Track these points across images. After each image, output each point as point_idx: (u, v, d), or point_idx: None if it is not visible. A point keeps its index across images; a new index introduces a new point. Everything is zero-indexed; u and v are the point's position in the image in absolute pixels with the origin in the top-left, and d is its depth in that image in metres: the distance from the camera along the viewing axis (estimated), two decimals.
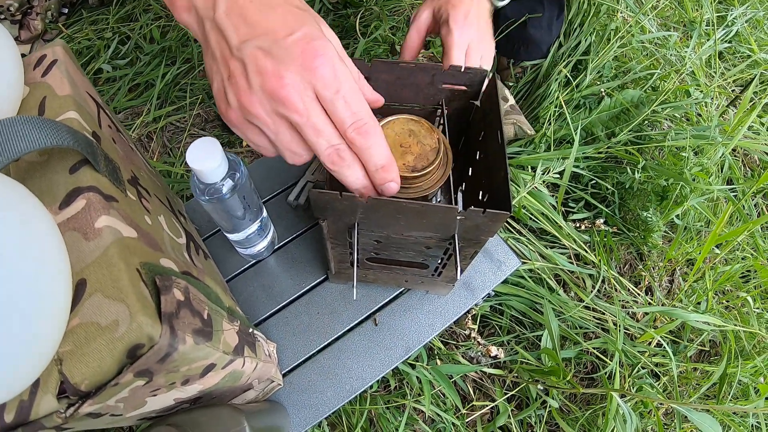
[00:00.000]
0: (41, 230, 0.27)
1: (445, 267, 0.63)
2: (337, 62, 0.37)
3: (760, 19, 1.30)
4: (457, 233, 0.51)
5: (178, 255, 0.45)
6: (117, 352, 0.29)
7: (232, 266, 0.77)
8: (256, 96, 0.37)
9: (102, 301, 0.30)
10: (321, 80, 0.37)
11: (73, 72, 0.46)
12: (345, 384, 0.70)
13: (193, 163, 0.50)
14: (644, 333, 0.83)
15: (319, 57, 0.37)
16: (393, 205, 0.45)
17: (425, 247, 0.56)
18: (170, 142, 1.07)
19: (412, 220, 0.49)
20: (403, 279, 0.70)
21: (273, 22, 0.37)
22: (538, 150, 0.97)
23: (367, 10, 1.20)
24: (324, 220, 0.53)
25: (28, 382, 0.28)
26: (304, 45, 0.37)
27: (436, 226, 0.50)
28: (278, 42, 0.37)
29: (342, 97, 0.38)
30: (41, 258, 0.26)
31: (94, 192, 0.34)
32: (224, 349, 0.43)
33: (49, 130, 0.32)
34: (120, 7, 1.26)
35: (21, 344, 0.25)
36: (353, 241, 0.54)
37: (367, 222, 0.51)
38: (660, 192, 0.91)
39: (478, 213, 0.45)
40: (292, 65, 0.36)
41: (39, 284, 0.26)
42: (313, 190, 0.45)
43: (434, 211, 0.46)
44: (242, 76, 0.37)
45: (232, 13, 0.38)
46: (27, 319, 0.25)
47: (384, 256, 0.62)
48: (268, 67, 0.36)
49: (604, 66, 1.06)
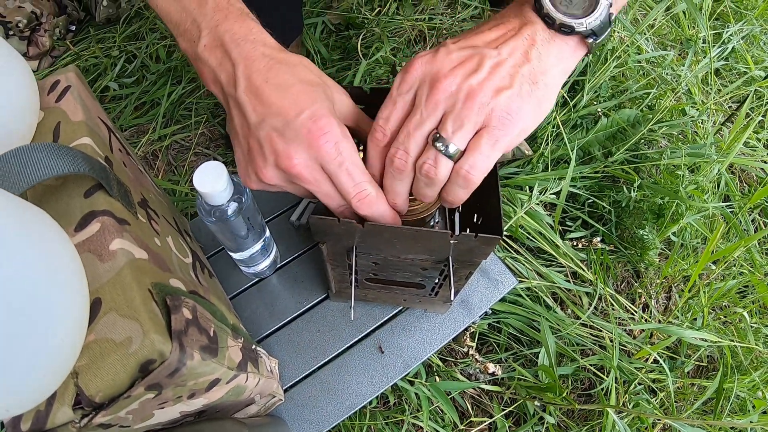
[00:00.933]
0: (61, 252, 0.29)
1: (441, 287, 0.64)
2: (339, 138, 0.42)
3: (757, 34, 1.32)
4: (452, 256, 0.53)
5: (186, 274, 0.47)
6: (130, 367, 0.31)
7: (236, 284, 0.79)
8: (273, 172, 0.43)
9: (116, 319, 0.32)
10: (325, 156, 0.42)
11: (85, 97, 0.48)
12: (345, 400, 0.71)
13: (200, 186, 0.52)
14: (640, 350, 0.84)
15: (323, 135, 0.41)
16: (388, 231, 0.47)
17: (421, 269, 0.58)
18: (175, 160, 1.09)
19: (407, 244, 0.51)
20: (401, 298, 0.72)
21: (285, 102, 0.42)
22: (535, 170, 0.99)
23: (368, 32, 1.23)
24: (323, 244, 0.55)
25: (47, 394, 0.29)
26: (310, 125, 0.41)
27: (431, 249, 0.51)
28: (289, 123, 0.41)
29: (345, 169, 0.43)
30: (62, 278, 0.28)
31: (108, 216, 0.36)
32: (229, 364, 0.44)
33: (66, 157, 0.34)
34: (127, 26, 1.29)
35: (42, 359, 0.27)
36: (352, 263, 0.56)
37: (364, 245, 0.53)
38: (656, 210, 0.93)
39: (470, 237, 0.47)
40: (300, 145, 0.42)
41: (60, 303, 0.28)
42: (313, 216, 0.47)
43: (428, 236, 0.48)
44: (260, 155, 0.43)
45: (249, 92, 0.43)
46: (48, 335, 0.27)
47: (382, 276, 0.63)
48: (280, 148, 0.42)
49: (601, 86, 1.08)
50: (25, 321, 0.26)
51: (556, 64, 0.42)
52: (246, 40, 0.44)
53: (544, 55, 0.42)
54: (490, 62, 0.41)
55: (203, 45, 0.45)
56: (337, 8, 1.28)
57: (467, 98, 0.41)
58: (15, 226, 0.26)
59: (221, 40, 0.44)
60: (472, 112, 0.41)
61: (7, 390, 0.27)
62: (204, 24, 0.45)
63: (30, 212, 0.28)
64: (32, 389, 0.28)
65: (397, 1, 1.29)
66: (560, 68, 0.43)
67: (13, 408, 0.28)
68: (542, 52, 0.42)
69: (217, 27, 0.45)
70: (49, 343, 0.27)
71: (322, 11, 1.27)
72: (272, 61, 0.44)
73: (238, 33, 0.44)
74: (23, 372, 0.27)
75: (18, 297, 0.25)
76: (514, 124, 0.41)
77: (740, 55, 1.26)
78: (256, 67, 0.43)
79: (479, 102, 0.40)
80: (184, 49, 0.48)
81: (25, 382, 0.27)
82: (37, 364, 0.27)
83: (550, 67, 0.42)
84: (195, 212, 0.99)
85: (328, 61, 1.20)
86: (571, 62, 0.44)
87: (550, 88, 0.42)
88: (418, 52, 1.21)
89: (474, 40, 0.44)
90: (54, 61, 1.24)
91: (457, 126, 0.41)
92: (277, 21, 0.98)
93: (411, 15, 1.27)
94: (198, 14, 0.46)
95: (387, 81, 1.16)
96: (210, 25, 0.45)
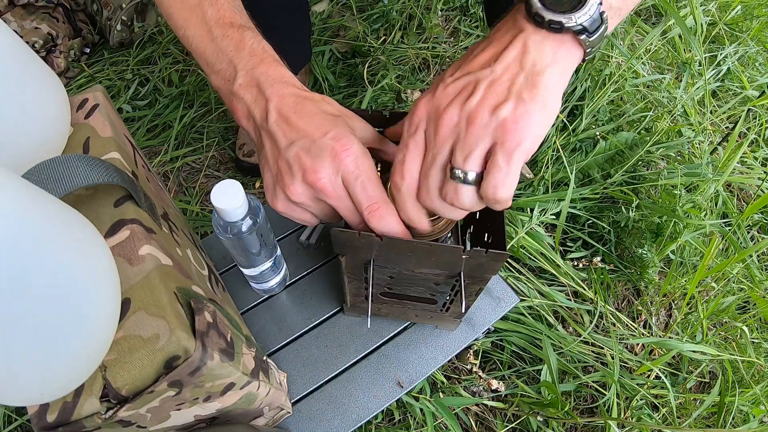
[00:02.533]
0: (98, 252, 0.32)
1: (452, 302, 0.67)
2: (359, 155, 0.47)
3: (752, 55, 1.36)
4: (463, 271, 0.55)
5: (203, 284, 0.50)
6: (156, 362, 0.33)
7: (246, 300, 0.81)
8: (300, 188, 0.48)
9: (144, 318, 0.34)
10: (345, 168, 0.47)
11: (112, 115, 0.51)
12: (351, 413, 0.73)
13: (217, 202, 0.55)
14: (641, 365, 0.86)
15: (344, 151, 0.46)
16: (405, 244, 0.50)
17: (434, 284, 0.61)
18: (186, 181, 1.12)
19: (422, 258, 0.53)
20: (413, 313, 0.74)
21: (311, 127, 0.48)
22: (536, 192, 1.02)
23: (374, 60, 1.28)
24: (343, 256, 0.57)
25: (78, 383, 0.32)
26: (334, 143, 0.47)
27: (444, 263, 0.54)
28: (315, 141, 0.47)
29: (360, 183, 0.47)
30: (98, 275, 0.31)
31: (137, 224, 0.39)
32: (243, 370, 0.46)
33: (100, 168, 0.37)
34: (140, 50, 1.34)
35: (77, 349, 0.30)
36: (368, 276, 0.59)
37: (381, 258, 0.56)
38: (654, 229, 0.95)
39: (480, 252, 0.50)
40: (325, 159, 0.46)
41: (96, 297, 0.30)
42: (334, 229, 0.51)
43: (442, 250, 0.51)
44: (288, 174, 0.48)
45: (280, 121, 0.48)
46: (84, 327, 0.30)
47: (396, 290, 0.66)
48: (307, 163, 0.46)
49: (599, 110, 1.12)
50: (64, 312, 0.28)
51: (552, 63, 0.42)
52: (278, 82, 0.50)
53: (538, 57, 0.42)
54: (485, 83, 0.43)
55: (239, 84, 0.50)
56: (344, 37, 1.33)
57: (468, 124, 0.42)
58: (59, 225, 0.28)
59: (257, 80, 0.50)
60: (477, 136, 0.42)
61: (45, 375, 0.29)
62: (240, 66, 0.51)
63: (70, 214, 0.31)
64: (66, 377, 0.30)
65: (402, 30, 1.34)
66: (558, 68, 0.43)
67: (47, 393, 0.30)
68: (536, 56, 0.42)
69: (253, 69, 0.50)
70: (84, 334, 0.30)
71: (329, 40, 1.32)
72: (299, 98, 0.49)
73: (272, 75, 0.50)
74: (60, 359, 0.29)
75: (59, 289, 0.28)
76: (524, 131, 0.41)
77: (735, 76, 1.30)
78: (286, 102, 0.49)
79: (480, 124, 0.41)
80: (217, 86, 0.53)
81: (61, 369, 0.30)
82: (72, 354, 0.30)
83: (545, 67, 0.42)
84: (206, 232, 1.02)
85: (335, 88, 1.24)
86: (568, 62, 0.44)
87: (551, 86, 0.42)
88: (422, 79, 1.25)
89: (469, 66, 0.45)
90: (68, 83, 1.28)
91: (466, 153, 0.42)
92: (289, 49, 1.02)
93: (415, 43, 1.32)
94: (235, 57, 0.51)
95: (392, 108, 1.20)
96: (246, 67, 0.50)
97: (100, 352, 0.32)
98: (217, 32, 0.52)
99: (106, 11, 1.29)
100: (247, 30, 0.53)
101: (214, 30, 0.52)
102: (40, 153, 0.41)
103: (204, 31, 0.53)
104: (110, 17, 1.29)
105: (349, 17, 1.37)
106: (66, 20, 1.29)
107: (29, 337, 0.27)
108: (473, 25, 1.39)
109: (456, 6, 1.43)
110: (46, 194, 0.29)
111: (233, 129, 1.19)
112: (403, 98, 1.20)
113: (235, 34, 0.52)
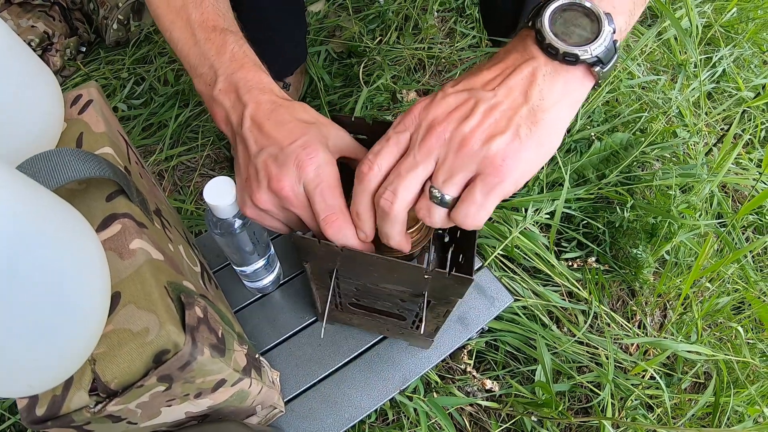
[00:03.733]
0: (89, 245, 0.31)
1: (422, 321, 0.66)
2: (322, 163, 0.46)
3: (747, 57, 1.37)
4: (427, 291, 0.54)
5: (195, 280, 0.50)
6: (146, 356, 0.33)
7: (239, 299, 0.81)
8: (266, 195, 0.47)
9: (134, 311, 0.34)
10: (306, 176, 0.46)
11: (106, 112, 0.51)
12: (344, 412, 0.73)
13: (210, 199, 0.55)
14: (636, 366, 0.86)
15: (309, 159, 0.46)
16: (366, 258, 0.49)
17: (400, 300, 0.60)
18: (181, 180, 1.12)
19: (384, 274, 0.52)
20: (384, 327, 0.74)
21: (282, 134, 0.47)
22: (531, 192, 1.02)
23: (370, 60, 1.28)
24: (307, 263, 0.57)
25: (67, 375, 0.32)
26: (299, 151, 0.46)
27: (406, 282, 0.53)
28: (283, 149, 0.47)
29: (319, 191, 0.46)
30: (88, 267, 0.31)
31: (128, 218, 0.39)
32: (234, 367, 0.46)
33: (92, 162, 0.37)
34: (136, 49, 1.34)
35: (66, 341, 0.29)
36: (332, 285, 0.58)
37: (344, 270, 0.55)
38: (649, 229, 0.96)
39: (443, 275, 0.48)
40: (290, 168, 0.46)
41: (85, 288, 0.30)
42: (296, 234, 0.50)
43: (402, 268, 0.50)
44: (255, 180, 0.48)
45: (253, 128, 0.48)
46: (73, 319, 0.29)
47: (364, 302, 0.65)
48: (273, 171, 0.46)
49: (594, 111, 1.12)
50: (54, 303, 0.28)
51: (562, 98, 0.41)
52: (257, 88, 0.50)
53: (546, 91, 0.40)
54: (484, 106, 0.41)
55: (219, 89, 0.50)
56: (340, 37, 1.33)
57: (459, 147, 0.40)
58: (50, 217, 0.28)
59: (236, 86, 0.50)
60: (463, 162, 0.40)
61: (33, 367, 0.29)
62: (221, 71, 0.51)
63: (62, 206, 0.31)
64: (55, 369, 0.30)
65: (398, 31, 1.34)
66: (567, 101, 0.41)
67: (36, 385, 0.30)
68: (544, 89, 0.40)
69: (232, 74, 0.50)
70: (74, 325, 0.30)
71: (325, 40, 1.32)
72: (275, 105, 0.49)
73: (251, 81, 0.50)
74: (48, 351, 0.29)
75: (49, 280, 0.27)
76: (510, 170, 0.40)
77: (731, 78, 1.31)
78: (262, 109, 0.49)
79: (470, 151, 0.40)
80: (199, 89, 0.53)
81: (50, 361, 0.29)
82: (61, 345, 0.30)
83: (553, 103, 0.40)
84: (200, 230, 1.02)
85: (331, 88, 1.24)
86: (579, 94, 0.42)
87: (554, 124, 0.41)
88: (418, 79, 1.25)
89: (472, 82, 0.43)
90: (64, 81, 1.28)
91: (448, 176, 0.41)
92: (286, 49, 1.03)
93: (411, 44, 1.32)
94: (216, 61, 0.51)
95: (388, 108, 1.20)
96: (226, 72, 0.50)
97: (90, 345, 0.32)
98: (200, 35, 0.52)
99: (102, 10, 1.29)
100: (230, 34, 0.53)
101: (198, 33, 0.52)
102: (33, 147, 0.41)
103: (188, 34, 0.52)
104: (106, 16, 1.29)
105: (345, 17, 1.37)
106: (62, 19, 1.29)
107: (18, 327, 0.27)
108: (469, 26, 1.39)
109: (452, 7, 1.43)
110: (38, 186, 0.29)
111: None
112: (399, 98, 1.20)
113: (218, 38, 0.52)
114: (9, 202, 0.25)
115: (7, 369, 0.29)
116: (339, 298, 0.63)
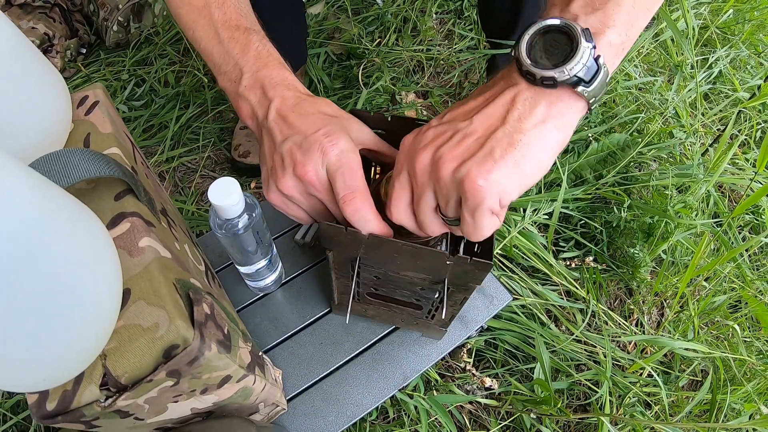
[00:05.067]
0: (102, 242, 0.32)
1: (437, 310, 0.67)
2: (344, 149, 0.49)
3: (744, 58, 1.38)
4: (447, 278, 0.56)
5: (201, 278, 0.50)
6: (156, 351, 0.34)
7: (241, 298, 0.82)
8: (291, 181, 0.50)
9: (144, 307, 0.35)
10: (329, 160, 0.49)
11: (112, 112, 0.52)
12: (346, 410, 0.73)
13: (214, 199, 0.56)
14: (634, 363, 0.87)
15: (332, 145, 0.48)
16: (391, 245, 0.51)
17: (419, 288, 0.61)
18: (182, 181, 1.13)
19: (407, 261, 0.54)
20: (399, 318, 0.75)
21: (305, 124, 0.50)
22: (529, 192, 1.03)
23: (369, 62, 1.29)
24: (330, 251, 0.58)
25: (80, 370, 0.32)
26: (323, 138, 0.49)
27: (428, 268, 0.55)
28: (307, 138, 0.49)
29: (340, 173, 0.48)
30: (101, 264, 0.31)
31: (137, 217, 0.40)
32: (239, 363, 0.47)
33: (101, 162, 0.38)
34: (136, 51, 1.34)
35: (79, 336, 0.30)
36: (354, 273, 0.59)
37: (367, 257, 0.56)
38: (646, 229, 0.97)
39: (465, 260, 0.50)
40: (314, 154, 0.48)
41: (98, 284, 0.31)
42: (323, 222, 0.51)
43: (426, 254, 0.51)
44: (280, 167, 0.50)
45: (278, 119, 0.51)
46: (86, 315, 0.30)
47: (382, 292, 0.67)
48: (298, 157, 0.49)
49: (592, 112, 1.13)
50: (68, 300, 0.29)
51: (545, 120, 0.40)
52: (282, 85, 0.53)
53: (526, 114, 0.40)
54: (459, 135, 0.42)
55: (244, 86, 0.53)
56: (339, 39, 1.34)
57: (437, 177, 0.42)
58: (64, 213, 0.29)
59: (261, 82, 0.53)
60: (446, 188, 0.42)
61: (47, 361, 0.30)
62: (246, 68, 0.53)
63: (75, 203, 0.31)
64: (67, 364, 0.31)
65: (397, 33, 1.35)
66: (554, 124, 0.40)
67: (49, 379, 0.31)
68: (524, 112, 0.40)
69: (258, 72, 0.53)
70: (87, 322, 0.31)
71: (324, 42, 1.33)
72: (299, 99, 0.52)
73: (276, 78, 0.53)
74: (62, 346, 0.30)
75: (64, 276, 0.28)
76: (487, 191, 0.40)
77: (727, 78, 1.32)
78: (287, 103, 0.52)
79: (444, 177, 0.41)
80: (223, 86, 0.55)
81: (63, 356, 0.30)
82: (74, 341, 0.30)
83: (534, 124, 0.40)
84: (202, 231, 1.02)
85: (330, 90, 1.25)
86: (567, 117, 0.41)
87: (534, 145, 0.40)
88: (416, 81, 1.26)
89: (454, 113, 0.45)
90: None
91: (444, 202, 0.44)
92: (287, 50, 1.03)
93: (410, 46, 1.33)
94: (241, 59, 0.53)
95: (387, 109, 1.21)
96: (252, 70, 0.53)
97: (102, 340, 0.33)
98: (224, 35, 0.54)
99: (102, 12, 1.30)
100: (254, 33, 0.55)
101: (221, 32, 0.54)
102: (42, 147, 0.41)
103: (211, 33, 0.54)
104: (107, 18, 1.30)
105: (344, 19, 1.38)
106: (63, 20, 1.30)
107: (33, 323, 0.27)
108: (467, 28, 1.40)
109: (450, 9, 1.45)
110: (51, 183, 0.30)
111: (229, 130, 1.20)
112: (398, 100, 1.21)
113: (242, 37, 0.54)
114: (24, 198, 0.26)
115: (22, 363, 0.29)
116: (358, 287, 0.65)
